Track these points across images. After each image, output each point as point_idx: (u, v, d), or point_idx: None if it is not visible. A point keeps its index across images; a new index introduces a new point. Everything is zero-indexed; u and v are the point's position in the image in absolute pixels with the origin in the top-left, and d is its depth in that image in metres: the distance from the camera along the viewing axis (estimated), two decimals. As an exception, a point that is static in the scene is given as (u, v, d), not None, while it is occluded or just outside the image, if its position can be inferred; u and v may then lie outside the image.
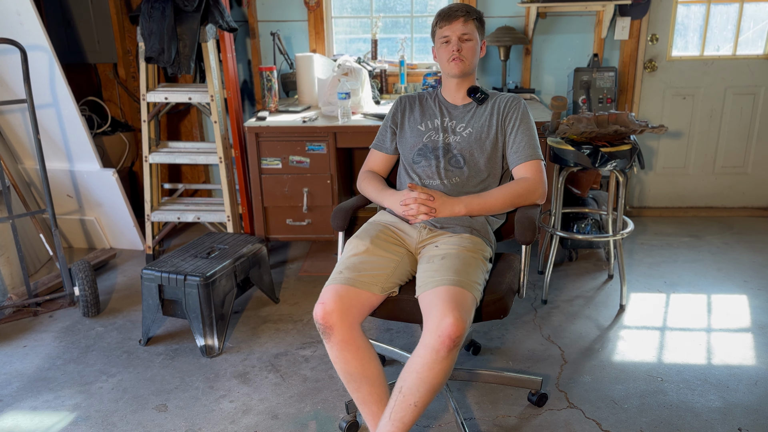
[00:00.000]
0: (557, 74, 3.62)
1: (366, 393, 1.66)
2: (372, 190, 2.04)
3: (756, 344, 2.41)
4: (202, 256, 2.51)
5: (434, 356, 1.52)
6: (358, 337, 1.64)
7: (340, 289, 1.66)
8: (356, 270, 1.72)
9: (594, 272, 3.09)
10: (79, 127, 3.13)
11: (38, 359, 2.41)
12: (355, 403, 1.71)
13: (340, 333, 1.62)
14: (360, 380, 1.66)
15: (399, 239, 1.89)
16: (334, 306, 1.61)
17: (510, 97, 2.01)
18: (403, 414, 1.56)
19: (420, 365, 1.54)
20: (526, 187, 1.90)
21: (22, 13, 2.86)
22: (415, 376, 1.54)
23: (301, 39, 3.60)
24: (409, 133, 2.04)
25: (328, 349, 1.66)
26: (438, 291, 1.61)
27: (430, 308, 1.58)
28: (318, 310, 1.63)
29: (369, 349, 1.67)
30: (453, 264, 1.69)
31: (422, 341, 1.56)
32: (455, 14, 1.92)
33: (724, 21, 3.60)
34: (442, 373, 1.54)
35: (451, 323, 1.50)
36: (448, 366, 1.54)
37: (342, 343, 1.62)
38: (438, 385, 1.55)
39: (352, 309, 1.64)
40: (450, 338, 1.50)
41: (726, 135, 3.77)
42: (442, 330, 1.51)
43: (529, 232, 1.77)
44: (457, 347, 1.53)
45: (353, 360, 1.64)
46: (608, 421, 1.97)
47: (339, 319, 1.61)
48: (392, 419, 1.57)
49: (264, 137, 2.89)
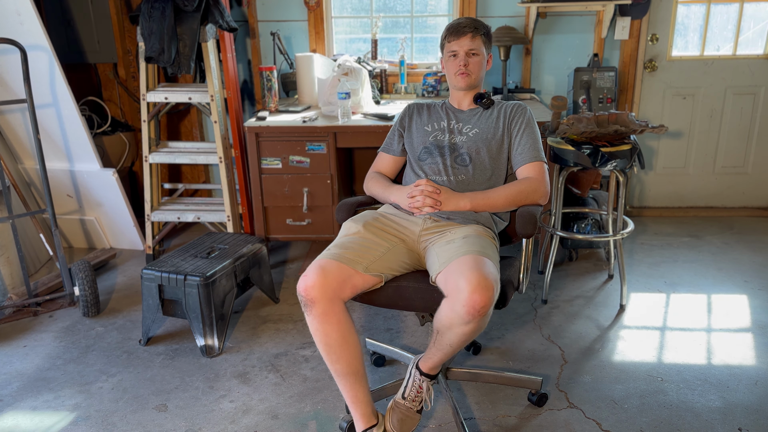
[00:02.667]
0: (557, 74, 3.62)
1: (345, 365, 1.72)
2: (379, 187, 2.10)
3: (756, 344, 2.41)
4: (202, 256, 2.51)
5: (461, 321, 1.57)
6: (339, 312, 1.69)
7: (324, 263, 1.72)
8: (343, 248, 1.79)
9: (594, 272, 3.09)
10: (79, 127, 3.13)
11: (38, 359, 2.41)
12: (333, 375, 1.76)
13: (320, 305, 1.67)
14: (339, 352, 1.71)
15: (394, 229, 1.94)
16: (316, 280, 1.66)
17: (516, 104, 2.09)
18: (443, 347, 1.69)
19: (449, 323, 1.61)
20: (529, 186, 1.94)
21: (22, 13, 2.86)
22: (446, 329, 1.63)
23: (301, 39, 3.60)
24: (415, 134, 2.11)
25: (308, 321, 1.71)
26: (464, 259, 1.66)
27: (455, 276, 1.61)
28: (300, 283, 1.69)
29: (349, 324, 1.72)
30: (477, 241, 1.78)
31: (449, 305, 1.60)
32: (463, 30, 2.00)
33: (724, 21, 3.59)
34: (473, 330, 1.60)
35: (479, 297, 1.54)
36: (478, 326, 1.60)
37: (322, 315, 1.68)
38: (471, 336, 1.63)
39: (334, 283, 1.68)
40: (476, 309, 1.54)
41: (726, 135, 3.77)
42: (469, 301, 1.54)
43: (530, 225, 1.82)
44: (487, 315, 1.58)
45: (333, 333, 1.69)
46: (608, 421, 1.97)
47: (320, 292, 1.66)
48: (436, 347, 1.70)
49: (264, 137, 2.89)
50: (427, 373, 1.78)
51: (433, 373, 1.79)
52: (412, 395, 1.78)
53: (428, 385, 1.79)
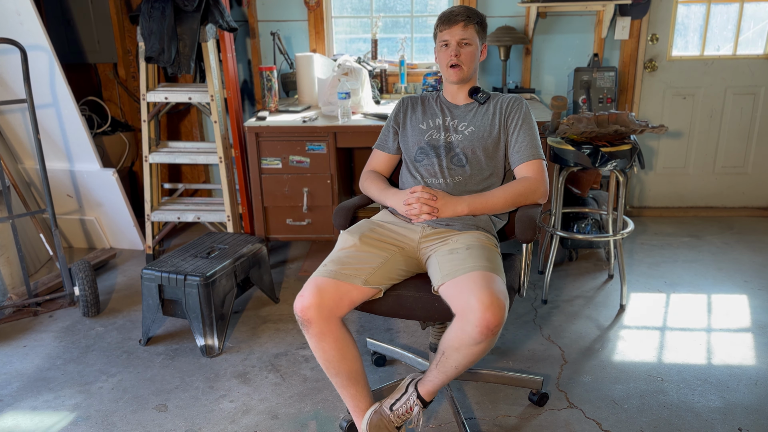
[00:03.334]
0: (557, 74, 3.62)
1: (344, 377, 1.73)
2: (375, 189, 2.05)
3: (756, 344, 2.41)
4: (202, 256, 2.51)
5: (471, 341, 1.56)
6: (336, 329, 1.69)
7: (320, 282, 1.69)
8: (340, 263, 1.76)
9: (594, 272, 3.09)
10: (79, 127, 3.13)
11: (38, 359, 2.41)
12: (335, 386, 1.77)
13: (317, 326, 1.67)
14: (338, 366, 1.71)
15: (392, 238, 1.89)
16: (312, 300, 1.65)
17: (512, 98, 2.02)
18: (446, 370, 1.66)
19: (458, 344, 1.59)
20: (527, 187, 1.91)
21: (22, 13, 2.86)
22: (453, 350, 1.61)
23: (301, 39, 3.60)
24: (410, 132, 2.06)
25: (307, 338, 1.72)
26: (473, 276, 1.63)
27: (465, 294, 1.59)
28: (297, 303, 1.68)
29: (347, 339, 1.72)
30: (482, 254, 1.74)
31: (459, 326, 1.58)
32: (455, 19, 1.93)
33: (724, 21, 3.59)
34: (482, 351, 1.59)
35: (491, 315, 1.52)
36: (487, 346, 1.58)
37: (319, 335, 1.68)
38: (478, 357, 1.62)
39: (330, 302, 1.67)
40: (489, 329, 1.53)
41: (726, 135, 3.77)
42: (482, 321, 1.52)
43: (529, 231, 1.78)
44: (498, 334, 1.57)
45: (331, 350, 1.70)
46: (608, 421, 1.97)
47: (316, 313, 1.65)
48: (438, 370, 1.68)
49: (264, 137, 2.89)
50: (422, 396, 1.72)
51: (428, 399, 1.73)
52: (400, 411, 1.71)
53: (420, 410, 1.72)
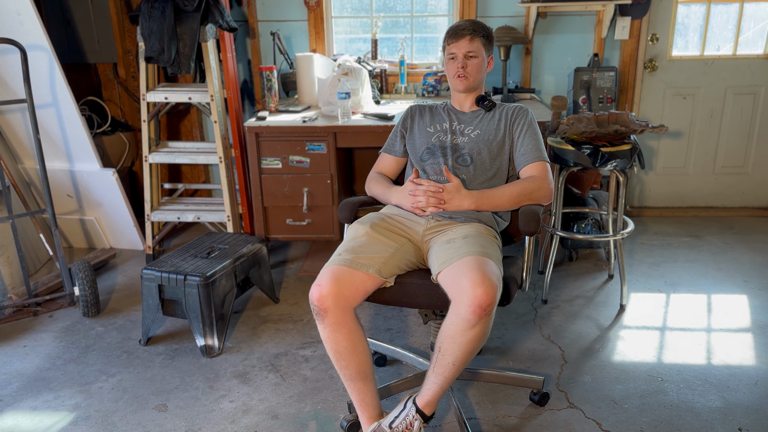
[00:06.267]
0: (557, 74, 3.62)
1: (354, 371, 1.73)
2: (379, 188, 2.11)
3: (756, 344, 2.41)
4: (202, 256, 2.51)
5: (466, 325, 1.57)
6: (350, 320, 1.70)
7: (336, 270, 1.70)
8: (354, 252, 1.77)
9: (594, 272, 3.09)
10: (79, 126, 3.13)
11: (38, 359, 2.41)
12: (342, 379, 1.77)
13: (333, 315, 1.67)
14: (348, 358, 1.72)
15: (401, 229, 1.93)
16: (330, 289, 1.66)
17: (517, 106, 2.10)
18: (444, 370, 1.65)
19: (453, 332, 1.60)
20: (532, 185, 1.95)
21: (22, 13, 2.86)
22: (450, 341, 1.61)
23: (301, 39, 3.60)
24: (418, 135, 2.12)
25: (320, 329, 1.71)
26: (466, 261, 1.66)
27: (458, 278, 1.62)
28: (314, 292, 1.68)
29: (359, 332, 1.73)
30: (477, 241, 1.77)
31: (454, 310, 1.60)
32: (462, 33, 2.01)
33: (725, 21, 3.59)
34: (477, 338, 1.60)
35: (482, 292, 1.54)
36: (482, 331, 1.59)
37: (335, 325, 1.68)
38: (475, 348, 1.62)
39: (347, 292, 1.68)
40: (481, 308, 1.54)
41: (726, 135, 3.77)
42: (473, 300, 1.54)
43: (533, 223, 1.83)
44: (490, 315, 1.57)
45: (344, 341, 1.70)
46: (608, 421, 1.97)
47: (334, 302, 1.66)
48: (435, 373, 1.67)
49: (264, 137, 2.89)
50: (422, 409, 1.68)
51: (427, 412, 1.69)
52: (400, 428, 1.67)
53: (420, 426, 1.67)
